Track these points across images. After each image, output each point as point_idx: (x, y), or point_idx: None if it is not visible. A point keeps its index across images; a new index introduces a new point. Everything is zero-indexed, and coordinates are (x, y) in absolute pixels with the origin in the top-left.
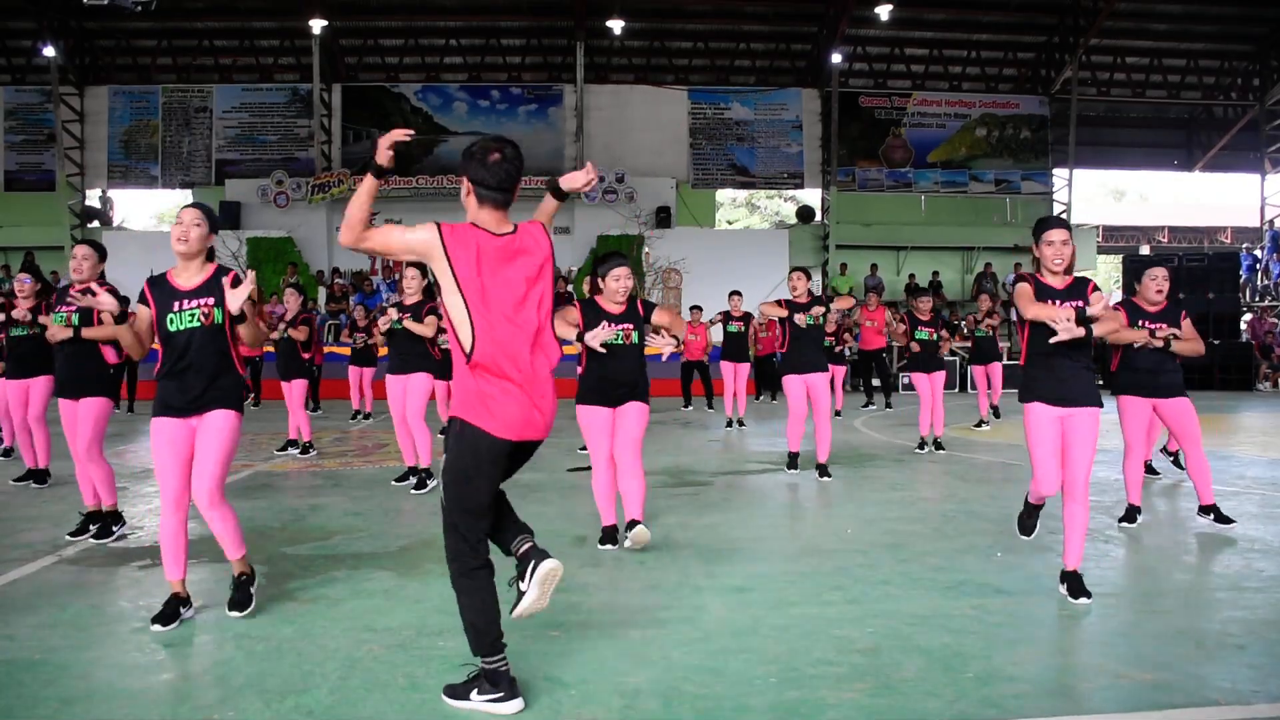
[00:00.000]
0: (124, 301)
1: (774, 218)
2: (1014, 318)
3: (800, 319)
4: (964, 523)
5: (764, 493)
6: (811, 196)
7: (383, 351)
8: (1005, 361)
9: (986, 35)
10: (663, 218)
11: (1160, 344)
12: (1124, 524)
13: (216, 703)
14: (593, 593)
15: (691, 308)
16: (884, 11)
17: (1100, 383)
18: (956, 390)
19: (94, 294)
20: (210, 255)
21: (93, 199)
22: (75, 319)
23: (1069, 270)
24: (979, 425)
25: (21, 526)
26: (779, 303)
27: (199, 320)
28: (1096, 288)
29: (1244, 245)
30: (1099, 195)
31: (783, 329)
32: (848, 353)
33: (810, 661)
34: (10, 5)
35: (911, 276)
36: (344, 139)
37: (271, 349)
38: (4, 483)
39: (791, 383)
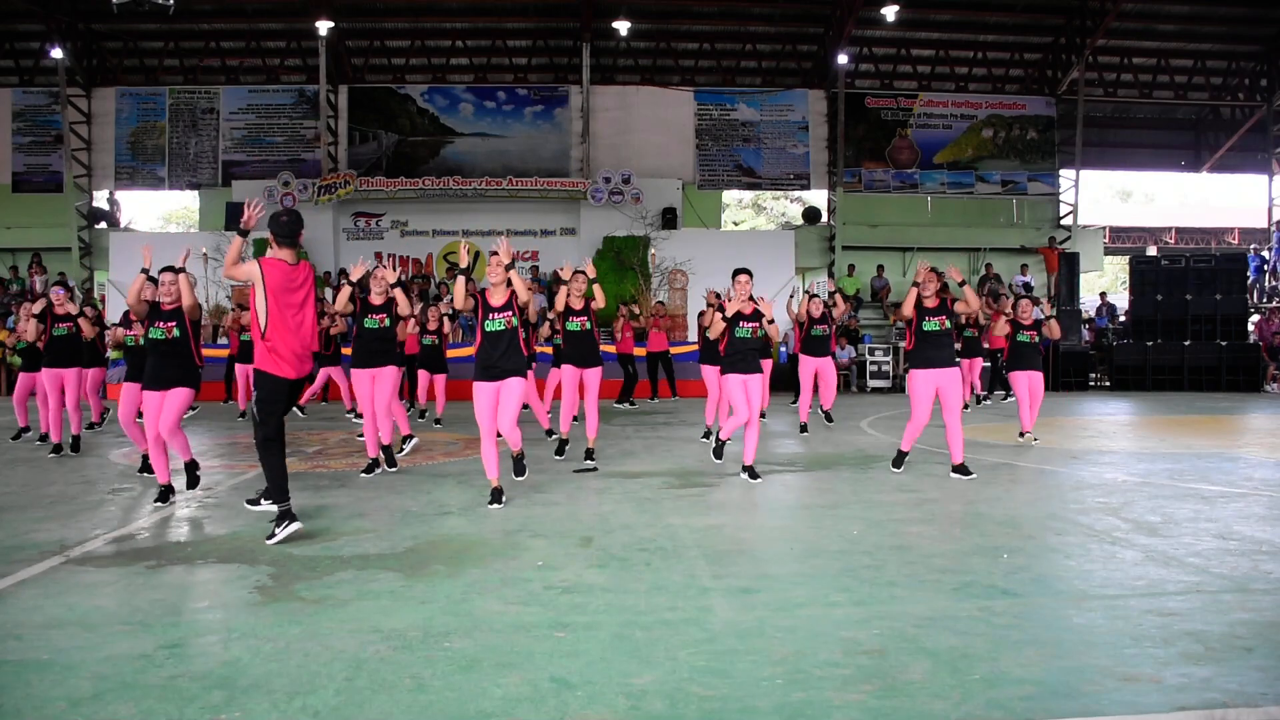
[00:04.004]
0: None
1: (780, 219)
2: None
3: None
4: (970, 524)
5: (770, 494)
6: (818, 198)
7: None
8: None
9: (993, 36)
10: (669, 219)
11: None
12: (894, 469)
13: (223, 703)
14: (598, 593)
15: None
16: (890, 12)
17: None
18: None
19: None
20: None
21: (100, 200)
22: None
23: (751, 298)
24: (964, 408)
25: (28, 527)
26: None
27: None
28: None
29: (1251, 246)
30: (1106, 196)
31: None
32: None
33: (816, 663)
34: (18, 8)
35: None
36: (350, 140)
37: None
38: (8, 484)
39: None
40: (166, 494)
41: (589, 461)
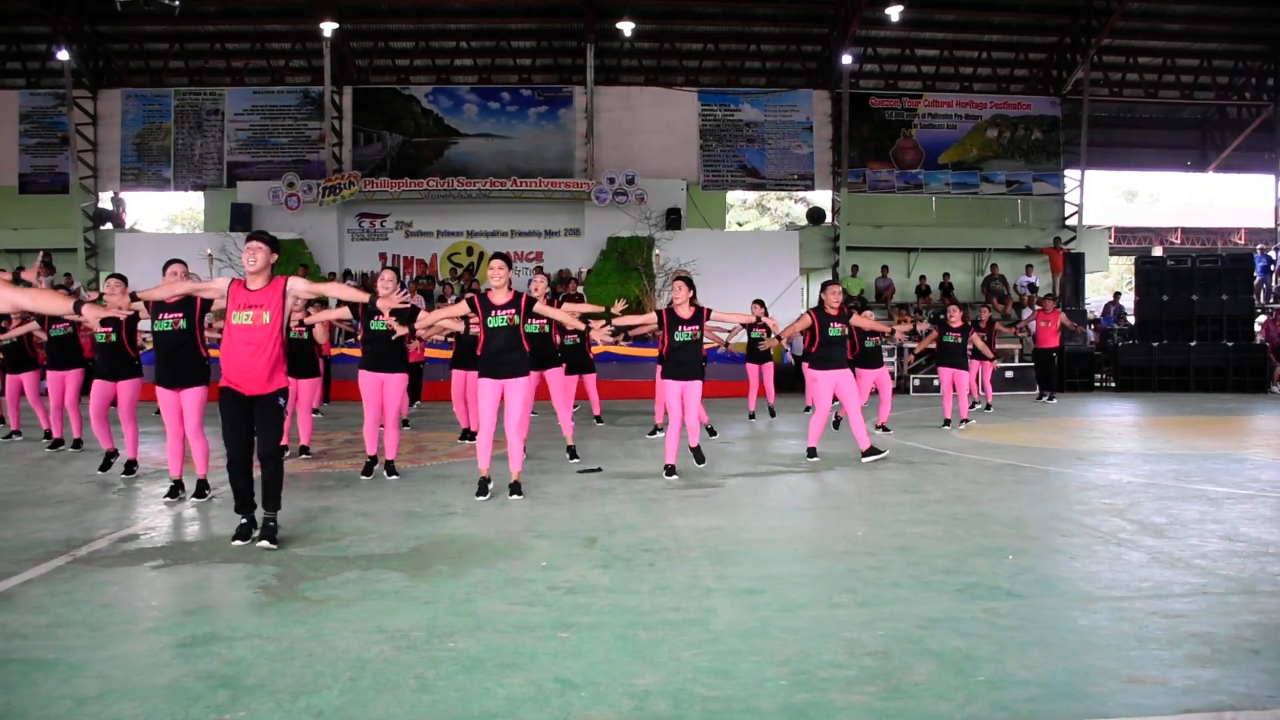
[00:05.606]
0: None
1: (784, 219)
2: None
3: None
4: (974, 525)
5: (774, 494)
6: (822, 198)
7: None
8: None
9: (998, 36)
10: (673, 219)
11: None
12: (810, 458)
13: (228, 703)
14: (602, 594)
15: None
16: (894, 12)
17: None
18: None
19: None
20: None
21: (105, 201)
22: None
23: (693, 303)
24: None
25: (34, 526)
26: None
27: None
28: (708, 314)
29: (1258, 246)
30: (1111, 196)
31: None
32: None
33: (820, 664)
34: (24, 10)
35: (922, 278)
36: (355, 141)
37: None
38: (12, 484)
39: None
40: (177, 489)
41: (574, 459)
